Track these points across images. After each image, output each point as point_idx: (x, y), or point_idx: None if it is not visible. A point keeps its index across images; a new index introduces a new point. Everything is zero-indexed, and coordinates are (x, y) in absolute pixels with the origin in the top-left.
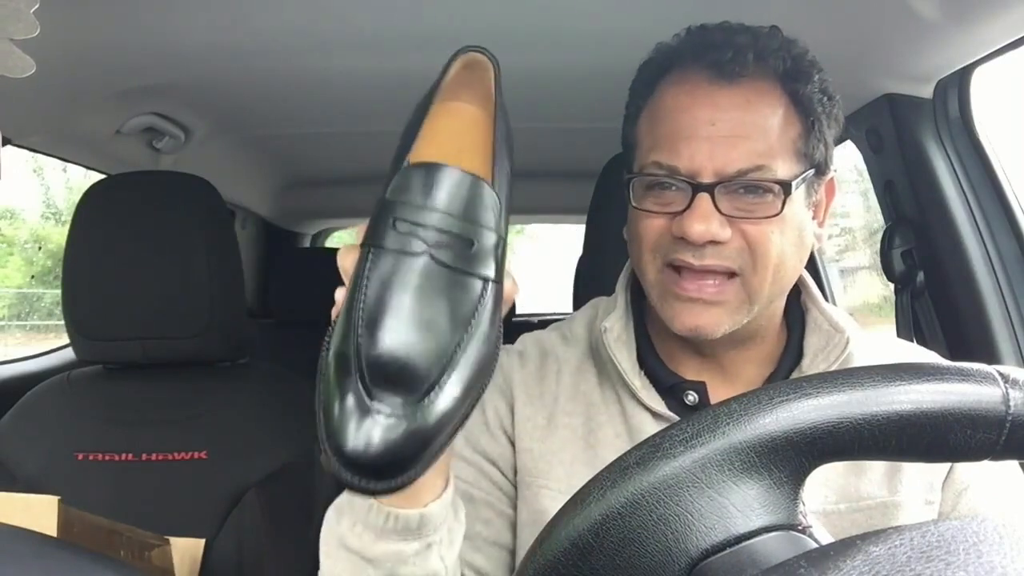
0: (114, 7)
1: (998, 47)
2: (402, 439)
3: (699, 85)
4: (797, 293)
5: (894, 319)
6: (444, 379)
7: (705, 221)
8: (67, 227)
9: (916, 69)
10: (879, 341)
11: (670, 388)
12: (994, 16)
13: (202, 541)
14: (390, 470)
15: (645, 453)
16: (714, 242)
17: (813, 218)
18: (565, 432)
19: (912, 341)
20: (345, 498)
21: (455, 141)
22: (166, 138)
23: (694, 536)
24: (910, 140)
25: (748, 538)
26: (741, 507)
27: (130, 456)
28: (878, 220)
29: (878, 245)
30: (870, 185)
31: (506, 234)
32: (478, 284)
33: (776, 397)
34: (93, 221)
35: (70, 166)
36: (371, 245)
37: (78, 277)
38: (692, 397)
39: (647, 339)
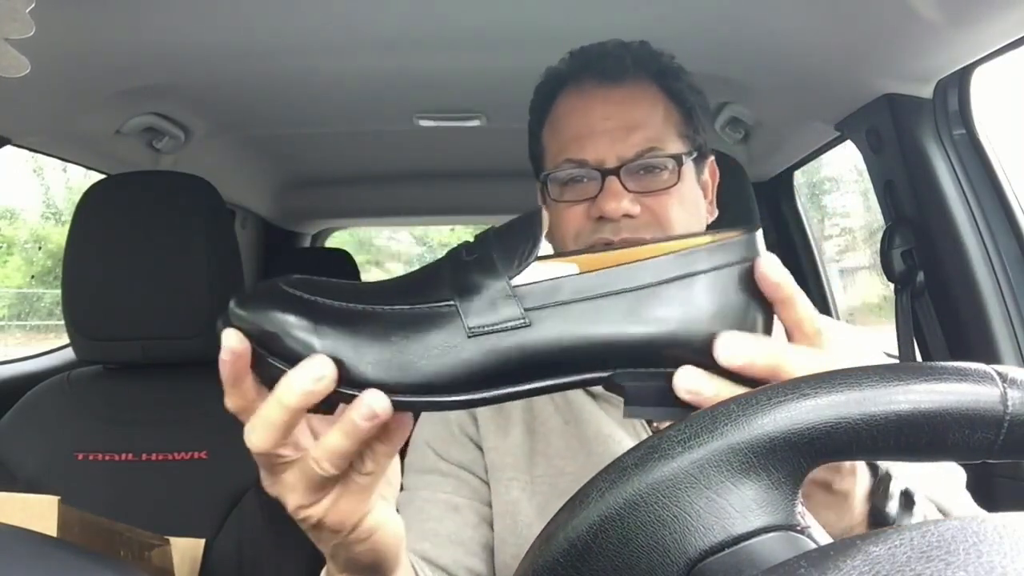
0: (114, 7)
1: (998, 47)
2: None
3: (590, 90)
4: None
5: (894, 319)
6: None
7: (617, 199)
8: (67, 227)
9: (916, 69)
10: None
11: None
12: (994, 16)
13: (202, 541)
14: None
15: (643, 454)
16: (628, 216)
17: (704, 197)
18: (518, 427)
19: (912, 341)
20: None
21: None
22: (166, 138)
23: (692, 537)
24: (910, 140)
25: (747, 539)
26: (739, 508)
27: (130, 456)
28: (878, 220)
29: (878, 245)
30: (870, 185)
31: None
32: None
33: (774, 398)
34: (93, 221)
35: (70, 166)
36: None
37: (78, 277)
38: None
39: None
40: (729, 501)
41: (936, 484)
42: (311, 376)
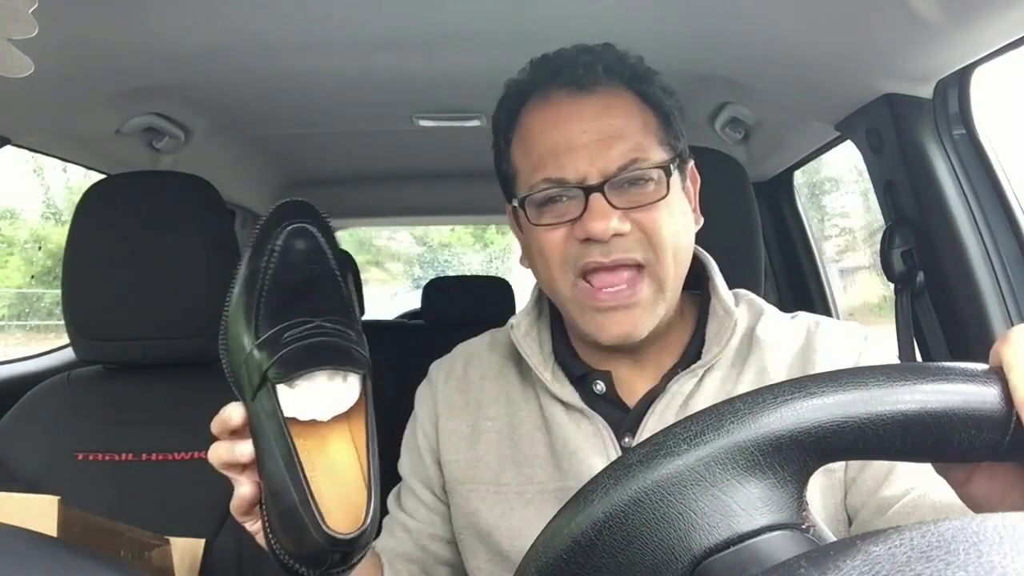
0: (114, 7)
1: (998, 47)
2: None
3: (561, 102)
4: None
5: (894, 319)
6: None
7: (604, 218)
8: (67, 227)
9: (916, 69)
10: (788, 319)
11: (580, 378)
12: (994, 16)
13: (202, 541)
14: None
15: (649, 451)
16: (617, 235)
17: (689, 205)
18: (490, 435)
19: (912, 341)
20: None
21: None
22: (166, 138)
23: (697, 534)
24: (910, 140)
25: (751, 537)
26: (744, 506)
27: (130, 456)
28: (878, 220)
29: (878, 245)
30: (870, 185)
31: None
32: None
33: (780, 396)
34: (93, 221)
35: (70, 166)
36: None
37: (78, 277)
38: (600, 386)
39: (563, 334)
40: (734, 499)
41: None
42: None
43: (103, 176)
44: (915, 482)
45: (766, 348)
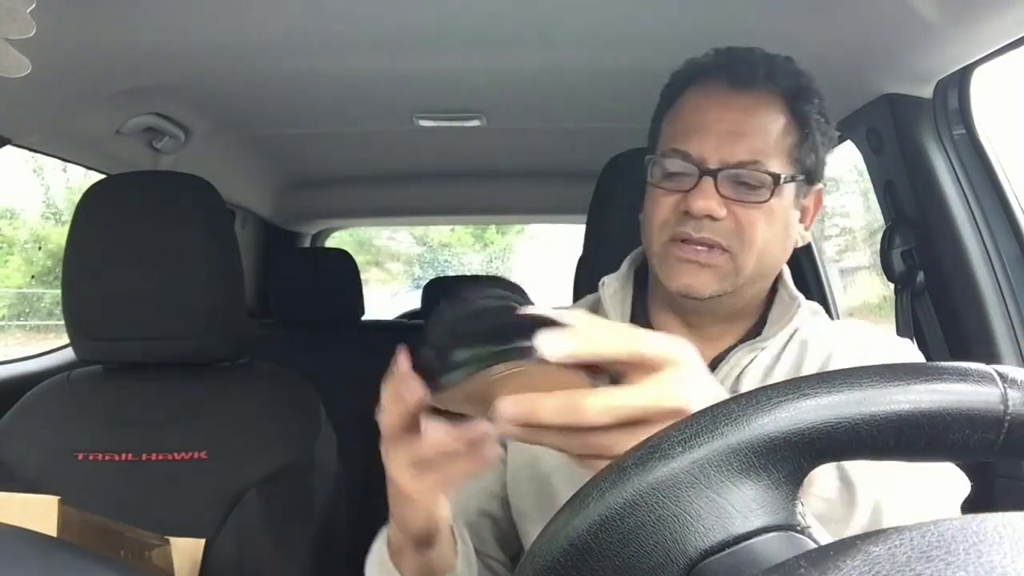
0: (114, 7)
1: (998, 47)
2: None
3: (716, 90)
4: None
5: (894, 319)
6: None
7: (706, 199)
8: (67, 227)
9: (916, 69)
10: (844, 325)
11: None
12: (994, 16)
13: (202, 541)
14: None
15: (643, 454)
16: (711, 218)
17: (800, 221)
18: None
19: (912, 341)
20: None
21: None
22: (166, 138)
23: (693, 537)
24: (910, 140)
25: (747, 538)
26: (740, 507)
27: (130, 456)
28: (878, 220)
29: (878, 245)
30: (870, 185)
31: None
32: None
33: (774, 398)
34: (93, 221)
35: (70, 166)
36: None
37: (78, 277)
38: None
39: (644, 308)
40: (729, 501)
41: (920, 496)
42: None
43: (103, 176)
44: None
45: (808, 349)
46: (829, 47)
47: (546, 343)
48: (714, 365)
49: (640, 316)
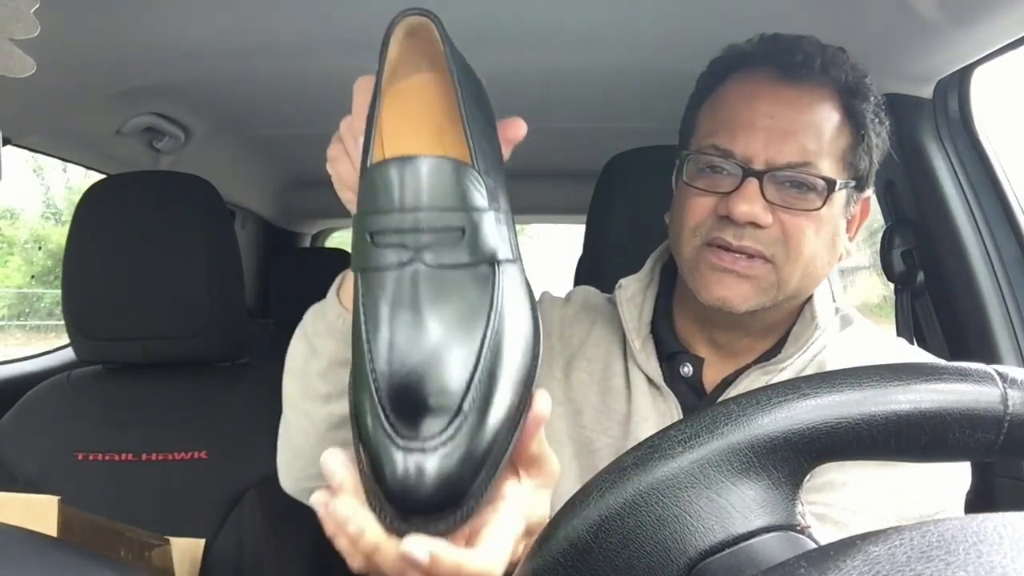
0: (114, 7)
1: (998, 47)
2: (456, 465)
3: (764, 81)
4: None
5: (894, 319)
6: (478, 384)
7: (750, 203)
8: (67, 227)
9: (916, 69)
10: (866, 338)
11: (670, 356)
12: (994, 16)
13: (202, 541)
14: (447, 504)
15: (643, 454)
16: (755, 225)
17: (846, 231)
18: (582, 375)
19: (912, 341)
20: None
21: (413, 126)
22: (166, 138)
23: (693, 537)
24: (910, 140)
25: (747, 538)
26: (740, 507)
27: (130, 456)
28: (878, 220)
29: (878, 245)
30: None
31: (504, 203)
32: (485, 271)
33: (774, 398)
34: (93, 221)
35: (70, 166)
36: (357, 270)
37: (78, 277)
38: (687, 369)
39: (668, 311)
40: (729, 501)
41: (915, 496)
42: None
43: (103, 176)
44: None
45: (827, 359)
46: None
47: None
48: (723, 387)
49: (663, 323)
